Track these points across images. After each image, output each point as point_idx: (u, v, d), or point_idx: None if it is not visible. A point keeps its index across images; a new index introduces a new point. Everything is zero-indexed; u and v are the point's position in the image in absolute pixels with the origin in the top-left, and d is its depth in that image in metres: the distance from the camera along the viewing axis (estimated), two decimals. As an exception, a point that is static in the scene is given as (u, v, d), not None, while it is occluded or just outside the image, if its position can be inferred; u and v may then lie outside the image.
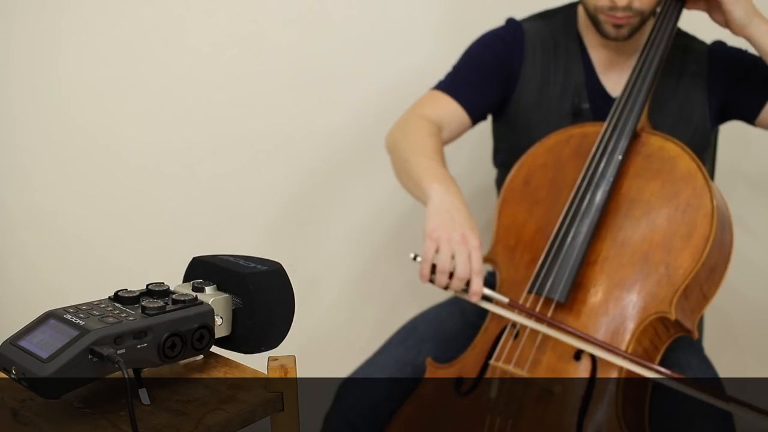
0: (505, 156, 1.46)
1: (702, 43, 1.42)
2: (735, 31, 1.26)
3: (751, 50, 1.33)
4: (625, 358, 1.12)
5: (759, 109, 1.36)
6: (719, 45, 1.41)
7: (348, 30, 1.73)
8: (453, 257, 1.17)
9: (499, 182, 1.49)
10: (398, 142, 1.37)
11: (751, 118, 1.38)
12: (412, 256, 1.23)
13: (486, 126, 1.56)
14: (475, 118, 1.43)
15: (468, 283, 1.18)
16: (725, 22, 1.27)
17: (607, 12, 1.28)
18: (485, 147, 1.58)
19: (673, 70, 1.36)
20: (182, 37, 1.69)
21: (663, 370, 1.11)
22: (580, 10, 1.41)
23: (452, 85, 1.42)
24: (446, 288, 1.19)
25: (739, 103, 1.38)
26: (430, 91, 1.43)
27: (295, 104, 1.74)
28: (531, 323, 1.18)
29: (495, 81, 1.42)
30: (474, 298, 1.18)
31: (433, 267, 1.19)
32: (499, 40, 1.43)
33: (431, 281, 1.20)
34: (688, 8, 1.31)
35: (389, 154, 1.41)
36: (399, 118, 1.42)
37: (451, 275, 1.18)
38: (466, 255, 1.16)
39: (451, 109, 1.40)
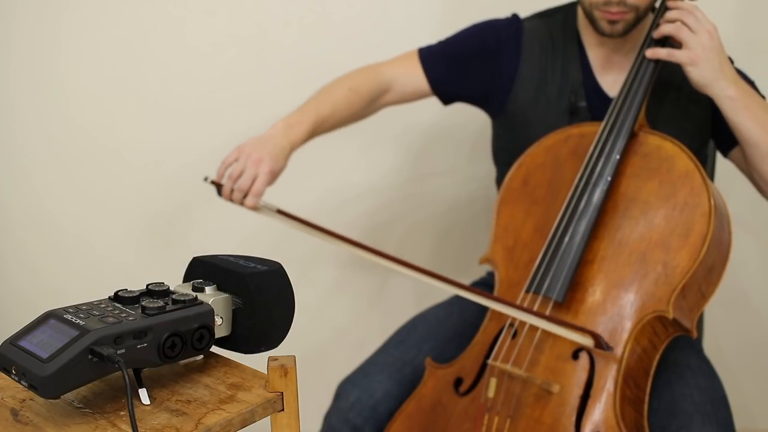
0: (504, 154, 1.47)
1: None
2: (697, 89, 1.23)
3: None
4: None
5: (731, 147, 1.35)
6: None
7: (348, 30, 1.73)
8: (244, 172, 1.28)
9: (499, 181, 1.49)
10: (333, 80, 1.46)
11: (724, 150, 1.37)
12: (204, 177, 1.32)
13: (486, 125, 1.57)
14: (441, 94, 1.48)
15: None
16: None
17: (602, 8, 1.28)
18: (485, 146, 1.58)
19: (678, 70, 1.35)
20: (182, 37, 1.69)
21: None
22: (580, 9, 1.41)
23: (430, 55, 1.46)
24: (231, 200, 1.30)
25: (719, 129, 1.35)
26: (414, 50, 1.48)
27: (295, 104, 1.74)
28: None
29: (475, 68, 1.44)
30: (246, 207, 1.29)
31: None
32: (494, 33, 1.44)
33: (220, 193, 1.30)
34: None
35: None
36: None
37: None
38: (252, 173, 1.27)
39: (414, 75, 1.46)
